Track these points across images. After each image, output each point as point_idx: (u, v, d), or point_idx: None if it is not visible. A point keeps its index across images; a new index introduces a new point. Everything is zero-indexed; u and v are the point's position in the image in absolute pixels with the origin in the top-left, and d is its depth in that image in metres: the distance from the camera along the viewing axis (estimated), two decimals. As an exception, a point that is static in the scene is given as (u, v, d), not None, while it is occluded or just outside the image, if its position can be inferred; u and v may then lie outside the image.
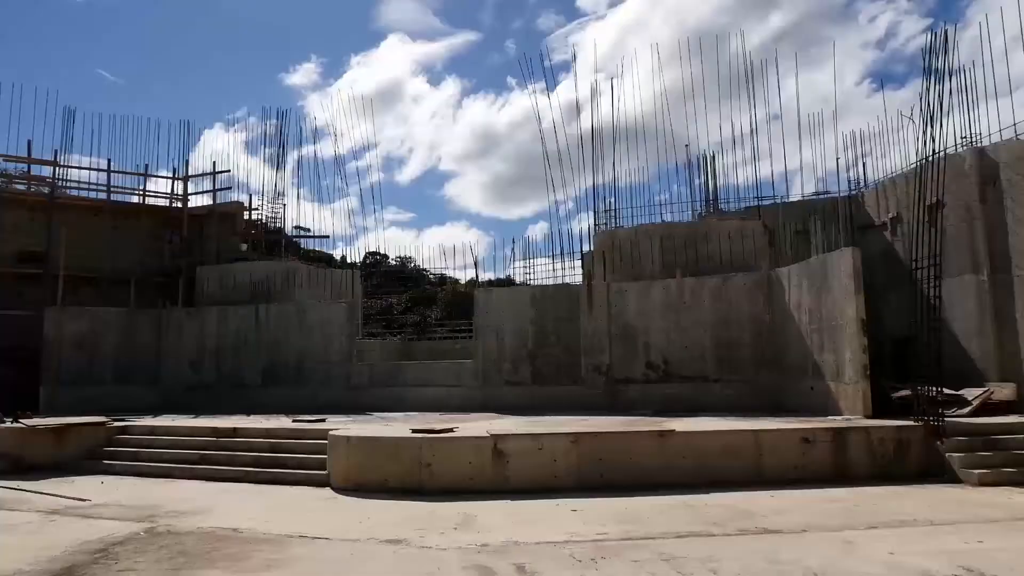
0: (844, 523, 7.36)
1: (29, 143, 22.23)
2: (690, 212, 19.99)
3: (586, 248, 18.72)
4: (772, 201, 18.77)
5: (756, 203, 18.59)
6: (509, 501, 8.87)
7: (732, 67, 19.87)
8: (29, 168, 22.87)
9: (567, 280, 18.54)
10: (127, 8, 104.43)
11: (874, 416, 11.14)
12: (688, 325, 15.35)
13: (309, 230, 26.82)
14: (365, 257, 37.91)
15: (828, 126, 27.94)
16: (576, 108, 26.32)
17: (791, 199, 19.06)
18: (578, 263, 18.84)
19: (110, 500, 9.45)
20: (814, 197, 18.73)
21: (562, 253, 18.81)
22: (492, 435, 9.71)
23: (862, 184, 18.29)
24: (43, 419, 14.16)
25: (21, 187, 22.98)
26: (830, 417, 11.68)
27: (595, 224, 18.90)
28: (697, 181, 20.45)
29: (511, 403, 15.94)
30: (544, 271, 19.20)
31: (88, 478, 11.55)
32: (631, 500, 8.71)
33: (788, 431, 10.18)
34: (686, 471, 9.73)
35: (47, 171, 22.50)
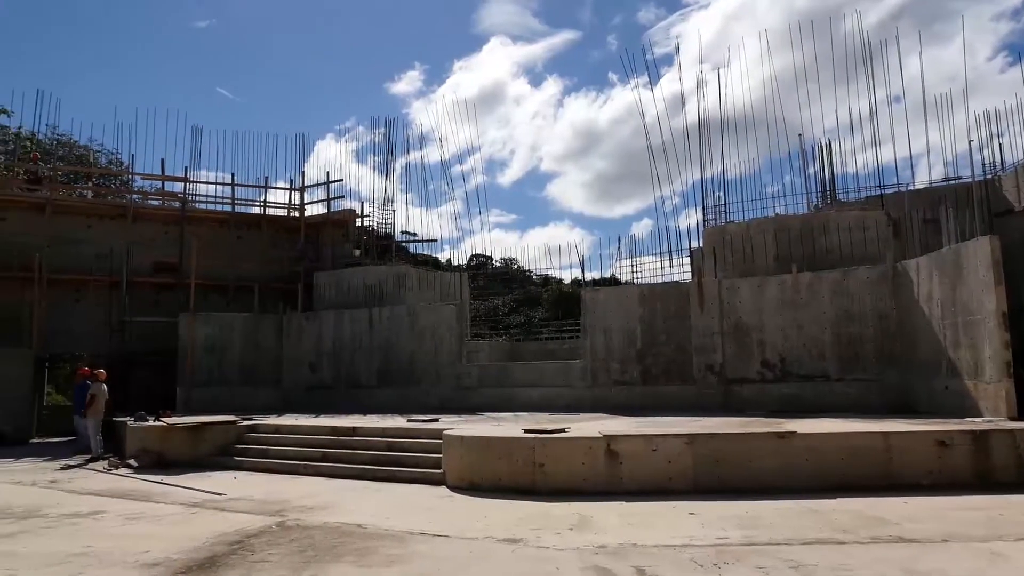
0: (990, 533, 6.82)
1: (163, 161, 24.04)
2: (805, 204, 19.16)
3: (694, 244, 18.33)
4: (896, 189, 17.70)
5: (878, 191, 17.59)
6: (624, 503, 8.76)
7: (848, 48, 18.91)
8: (163, 185, 24.69)
9: (675, 278, 18.21)
10: (243, 30, 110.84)
11: (1020, 418, 10.29)
12: (806, 322, 14.70)
13: (416, 234, 27.56)
14: (470, 259, 38.56)
15: (957, 105, 26.05)
16: (680, 100, 25.78)
17: (917, 186, 17.91)
18: (686, 260, 18.45)
19: (243, 495, 10.01)
20: (943, 183, 17.54)
21: (669, 250, 18.48)
22: (605, 436, 9.62)
23: (998, 167, 16.97)
24: (180, 418, 15.19)
25: (155, 203, 24.79)
26: (968, 419, 10.88)
27: (703, 219, 18.45)
28: (811, 170, 19.57)
29: (620, 403, 15.80)
30: (651, 269, 18.95)
31: (222, 473, 12.30)
32: (751, 504, 8.41)
33: (921, 433, 9.55)
34: (808, 474, 9.31)
35: (178, 187, 24.21)
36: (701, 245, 17.65)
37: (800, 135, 19.40)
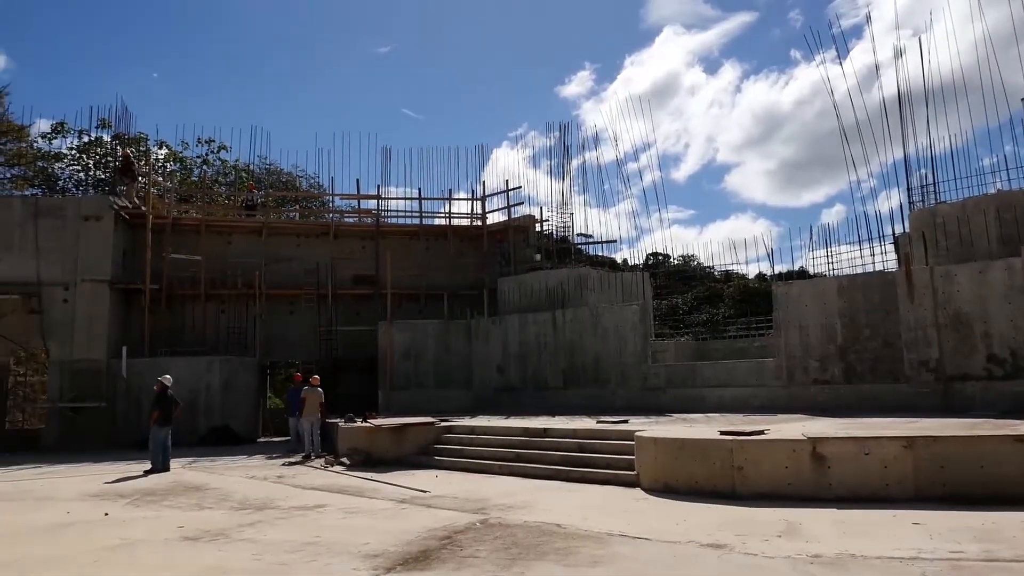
0: None
1: (357, 182, 26.03)
2: (1033, 175, 16.86)
3: (898, 230, 16.77)
4: None
5: None
6: (834, 509, 8.18)
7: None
8: (359, 203, 26.63)
9: (876, 267, 16.80)
10: (419, 51, 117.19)
11: None
12: (1041, 310, 12.97)
13: (592, 236, 27.62)
14: (647, 258, 38.00)
15: None
16: (875, 72, 23.76)
17: None
18: (889, 247, 16.98)
19: (445, 492, 10.51)
20: None
21: (869, 237, 17.07)
22: (809, 438, 9.06)
23: None
24: (384, 419, 16.26)
25: (351, 220, 26.80)
26: None
27: (908, 201, 16.80)
28: (1038, 138, 17.18)
29: (820, 403, 14.86)
30: (847, 259, 17.60)
31: (424, 472, 13.00)
32: (986, 515, 7.53)
33: None
34: (1057, 483, 8.18)
35: (371, 204, 26.03)
36: (907, 230, 16.13)
37: (1023, 99, 17.13)
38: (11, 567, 6.66)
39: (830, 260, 17.65)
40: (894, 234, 16.81)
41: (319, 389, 16.73)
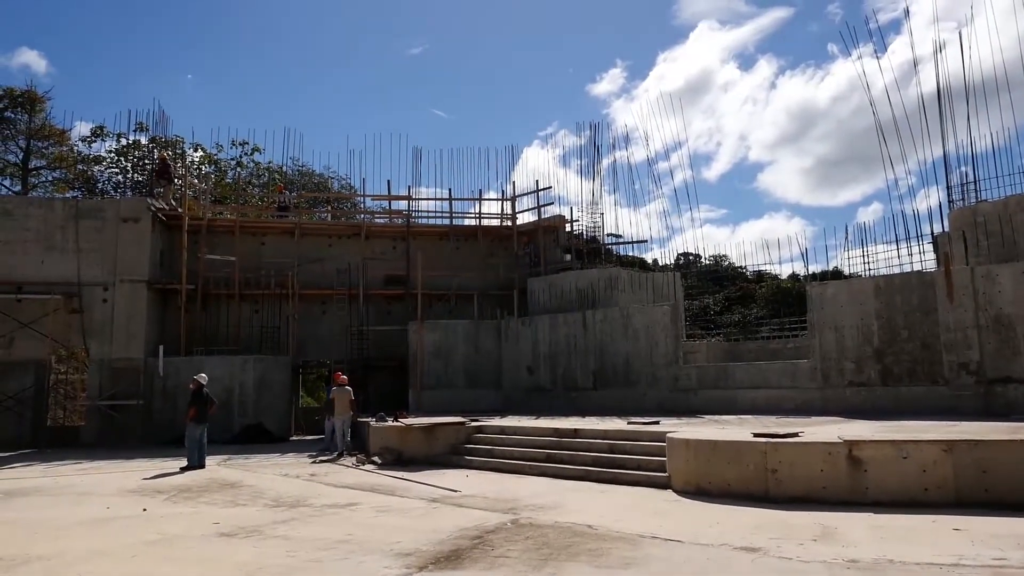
0: None
1: (388, 183, 26.18)
2: (1078, 174, 16.41)
3: (937, 229, 16.45)
4: None
5: None
6: (871, 514, 8.04)
7: None
8: (389, 204, 26.83)
9: (915, 267, 16.49)
10: (451, 52, 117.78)
11: None
12: (1087, 311, 12.61)
13: (621, 236, 27.47)
14: (677, 258, 37.74)
15: None
16: (913, 67, 23.26)
17: None
18: (927, 247, 16.65)
19: (476, 492, 10.54)
20: None
21: (907, 237, 16.75)
22: (845, 440, 8.91)
23: None
24: (415, 419, 16.35)
25: (382, 221, 26.99)
26: None
27: (948, 200, 16.44)
28: (1084, 134, 16.72)
29: (855, 406, 14.61)
30: (884, 259, 17.32)
31: (454, 471, 13.04)
32: (1032, 521, 7.34)
33: None
34: (1105, 490, 7.94)
35: (402, 204, 26.19)
36: (946, 229, 15.80)
37: (1068, 95, 16.67)
38: (55, 560, 6.82)
39: (866, 260, 17.38)
40: (933, 233, 16.50)
41: (347, 388, 16.86)
